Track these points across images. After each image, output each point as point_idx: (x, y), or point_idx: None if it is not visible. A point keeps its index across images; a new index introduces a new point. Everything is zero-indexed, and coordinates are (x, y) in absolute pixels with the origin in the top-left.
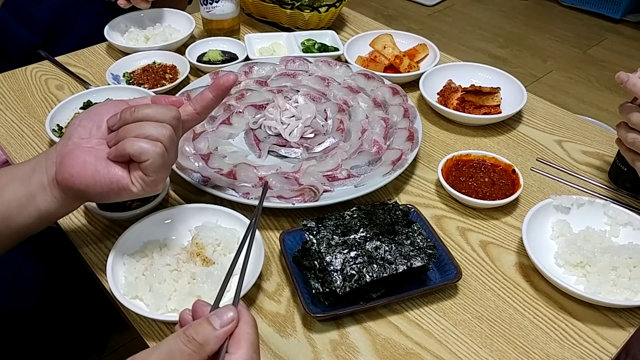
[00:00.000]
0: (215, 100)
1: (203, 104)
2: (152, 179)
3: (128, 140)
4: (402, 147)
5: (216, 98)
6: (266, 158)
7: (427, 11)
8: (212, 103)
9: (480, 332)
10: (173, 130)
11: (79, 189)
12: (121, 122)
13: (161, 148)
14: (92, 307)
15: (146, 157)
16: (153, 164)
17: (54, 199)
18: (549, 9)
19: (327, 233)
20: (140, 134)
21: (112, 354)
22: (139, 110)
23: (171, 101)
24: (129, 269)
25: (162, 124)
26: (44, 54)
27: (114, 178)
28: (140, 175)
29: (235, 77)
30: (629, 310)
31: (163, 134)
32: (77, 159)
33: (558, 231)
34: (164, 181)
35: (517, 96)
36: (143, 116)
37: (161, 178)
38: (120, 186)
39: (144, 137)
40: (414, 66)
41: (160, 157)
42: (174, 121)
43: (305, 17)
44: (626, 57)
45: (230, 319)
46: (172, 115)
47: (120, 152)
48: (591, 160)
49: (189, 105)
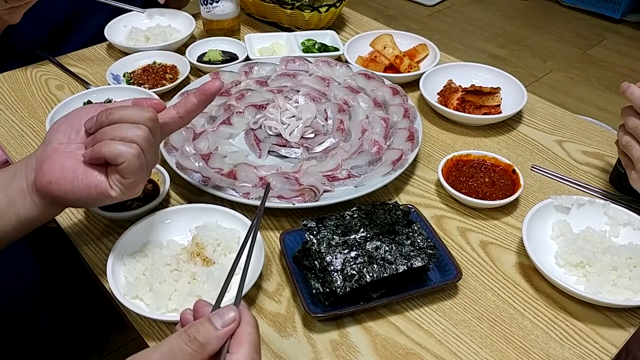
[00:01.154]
0: (199, 106)
1: (186, 108)
2: (130, 182)
3: (104, 143)
4: (402, 147)
5: (200, 103)
6: (266, 158)
7: (427, 11)
8: (195, 108)
9: (480, 332)
10: (150, 131)
11: (58, 195)
12: (97, 125)
13: (137, 149)
14: (92, 307)
15: (122, 159)
16: (129, 166)
17: (33, 205)
18: (549, 9)
19: (327, 233)
20: (115, 136)
21: (112, 354)
22: (115, 113)
23: (152, 104)
24: (129, 269)
25: (138, 125)
26: (44, 54)
27: (92, 183)
28: (118, 178)
29: (221, 85)
30: (629, 310)
31: (139, 135)
32: (56, 165)
33: (558, 231)
34: (143, 183)
35: (517, 96)
36: (119, 118)
37: (139, 180)
38: (99, 191)
39: (120, 139)
40: (414, 66)
41: (137, 159)
42: (150, 122)
43: (306, 17)
44: (626, 57)
45: (231, 319)
46: (147, 117)
47: (96, 155)
48: (591, 160)
49: (172, 108)
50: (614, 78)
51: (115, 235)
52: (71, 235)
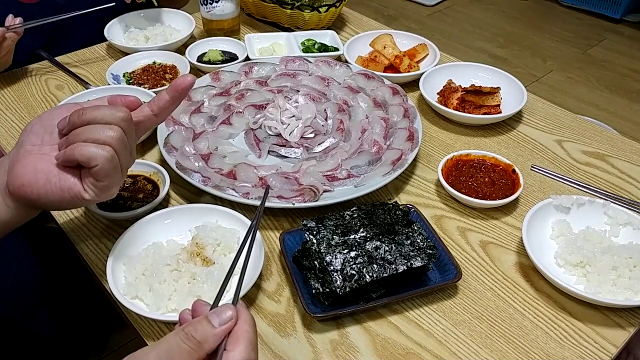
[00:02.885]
0: (172, 102)
1: (160, 105)
2: (104, 184)
3: (76, 145)
4: (402, 147)
5: (173, 99)
6: (266, 158)
7: (427, 11)
8: (169, 105)
9: (480, 332)
10: (123, 131)
11: (31, 198)
12: (70, 126)
13: (109, 152)
14: (91, 307)
15: (95, 162)
16: (103, 169)
17: (7, 208)
18: (549, 9)
19: (327, 233)
20: (88, 138)
21: (112, 353)
22: (87, 113)
23: (127, 101)
24: (129, 269)
25: (111, 126)
26: (44, 54)
27: (65, 186)
28: (91, 181)
29: (193, 79)
30: (629, 310)
31: (111, 137)
32: (28, 168)
33: (558, 231)
34: (118, 185)
35: (517, 96)
36: (91, 119)
37: (114, 183)
38: (72, 194)
39: (92, 140)
40: (414, 66)
41: (109, 161)
42: (123, 122)
43: (305, 17)
44: (626, 57)
45: (229, 317)
46: (120, 117)
47: (68, 158)
48: (591, 160)
49: (146, 106)
50: (614, 78)
51: (115, 235)
52: (71, 235)
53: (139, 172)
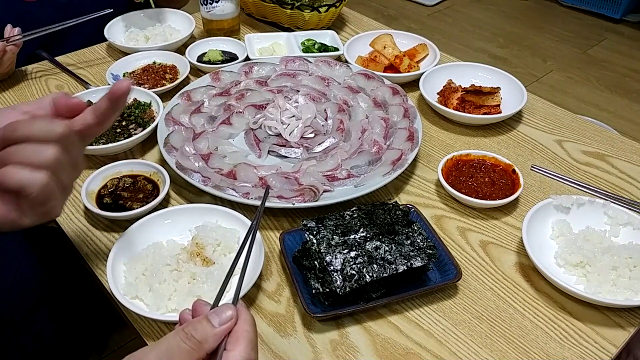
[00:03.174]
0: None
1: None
2: (44, 210)
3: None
4: (402, 147)
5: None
6: (266, 158)
7: (427, 11)
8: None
9: (480, 332)
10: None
11: None
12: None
13: (43, 177)
14: (92, 307)
15: (29, 190)
16: (39, 197)
17: None
18: (549, 9)
19: (327, 233)
20: (20, 161)
21: (112, 353)
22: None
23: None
24: (129, 269)
25: (47, 146)
26: (44, 54)
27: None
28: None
29: (129, 83)
30: (629, 310)
31: (46, 159)
32: None
33: (558, 231)
34: (62, 206)
35: (517, 96)
36: (25, 136)
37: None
38: (10, 221)
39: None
40: (414, 66)
41: (45, 187)
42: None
43: (305, 17)
44: (626, 57)
45: (228, 317)
46: (58, 133)
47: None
48: (591, 160)
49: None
50: (614, 78)
51: (115, 235)
52: (71, 235)
53: (139, 172)
